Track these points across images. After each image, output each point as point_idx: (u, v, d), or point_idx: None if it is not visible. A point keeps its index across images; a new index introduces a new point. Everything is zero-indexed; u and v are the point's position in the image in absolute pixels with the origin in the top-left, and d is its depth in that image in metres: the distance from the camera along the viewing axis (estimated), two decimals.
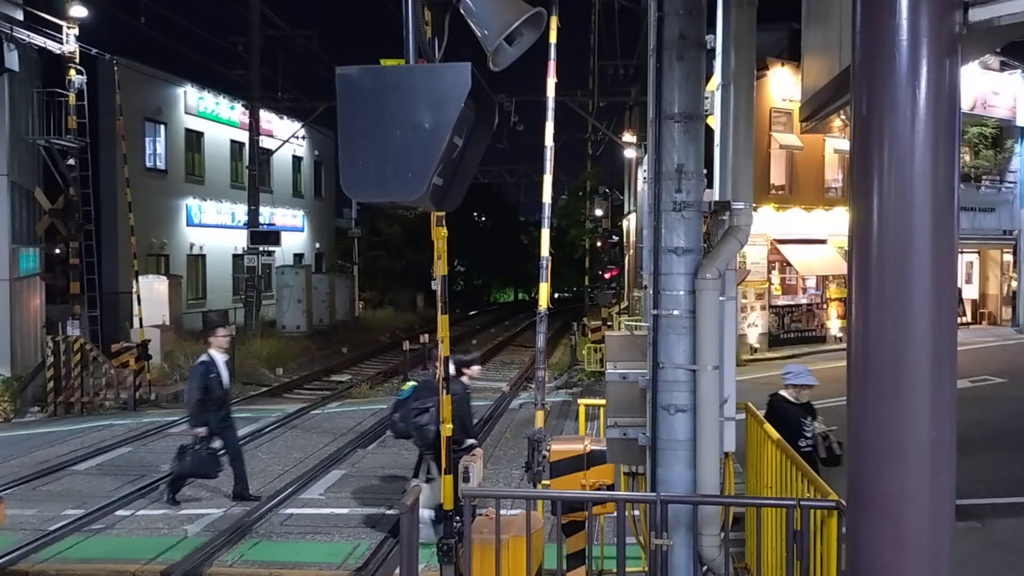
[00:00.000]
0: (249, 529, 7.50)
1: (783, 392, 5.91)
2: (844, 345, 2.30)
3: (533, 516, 4.34)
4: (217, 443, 8.21)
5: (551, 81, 7.33)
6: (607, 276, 31.82)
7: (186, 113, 23.92)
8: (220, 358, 8.30)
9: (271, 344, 20.90)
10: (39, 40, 14.90)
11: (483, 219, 53.65)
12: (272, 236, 23.28)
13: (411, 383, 7.42)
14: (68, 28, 15.21)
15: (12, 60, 14.15)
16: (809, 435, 5.61)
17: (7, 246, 14.77)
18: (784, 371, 6.07)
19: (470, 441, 7.05)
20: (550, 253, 7.38)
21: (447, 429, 6.01)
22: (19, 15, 14.91)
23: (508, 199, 54.58)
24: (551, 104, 7.43)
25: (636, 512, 5.38)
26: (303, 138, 29.98)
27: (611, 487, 5.06)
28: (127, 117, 17.70)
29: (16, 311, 14.95)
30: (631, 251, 27.29)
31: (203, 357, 8.32)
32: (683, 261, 3.98)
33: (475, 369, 7.47)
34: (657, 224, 4.00)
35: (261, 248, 22.92)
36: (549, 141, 7.48)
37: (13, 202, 15.07)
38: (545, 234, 7.43)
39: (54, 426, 13.22)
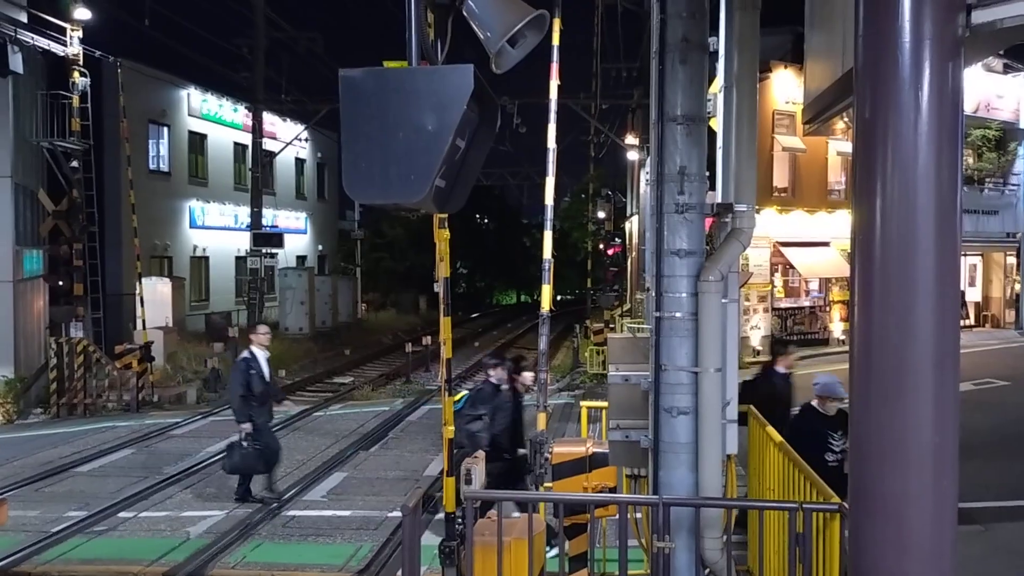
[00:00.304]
0: (251, 531, 7.51)
1: (813, 402, 5.66)
2: (847, 348, 2.30)
3: (535, 518, 4.33)
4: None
5: (554, 83, 7.34)
6: (610, 279, 31.82)
7: (189, 115, 23.96)
8: (261, 355, 8.31)
9: (274, 346, 20.62)
10: (43, 42, 14.95)
11: (486, 221, 53.62)
12: (275, 238, 23.31)
13: (463, 393, 7.45)
14: (72, 30, 15.26)
15: (16, 62, 14.18)
16: (837, 450, 5.32)
17: (11, 248, 14.80)
18: (813, 380, 5.78)
19: (522, 451, 7.00)
20: (552, 255, 7.38)
21: (448, 431, 6.01)
22: (23, 17, 14.96)
23: (510, 201, 54.61)
24: (554, 106, 7.43)
25: (638, 515, 5.37)
26: (306, 140, 30.01)
27: (613, 490, 5.06)
28: (131, 119, 17.74)
29: (20, 312, 14.98)
30: (634, 253, 27.28)
31: (244, 354, 8.35)
32: (686, 263, 3.98)
33: (526, 376, 7.43)
34: (659, 226, 3.99)
35: (264, 250, 22.95)
36: (552, 143, 7.48)
37: (17, 204, 15.11)
38: (548, 236, 7.43)
39: (57, 427, 13.25)
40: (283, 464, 10.11)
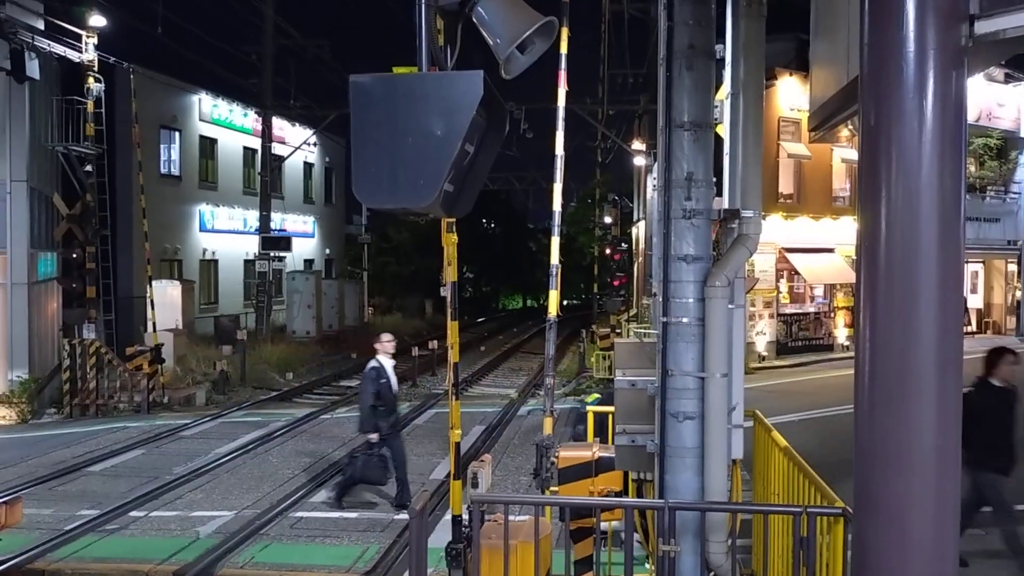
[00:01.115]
0: (260, 532, 7.56)
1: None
2: (851, 353, 2.32)
3: (541, 522, 4.36)
4: (384, 449, 8.09)
5: (562, 90, 7.37)
6: (616, 284, 31.81)
7: (200, 120, 24.14)
8: (388, 363, 8.23)
9: (281, 349, 21.01)
10: (59, 49, 15.11)
11: (492, 226, 53.70)
12: (283, 242, 23.42)
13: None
14: (87, 37, 15.42)
15: (33, 68, 14.35)
16: None
17: (26, 251, 14.95)
18: None
19: None
20: (559, 260, 7.40)
21: (455, 435, 6.05)
22: (40, 24, 15.14)
23: (517, 206, 54.72)
24: (561, 112, 7.47)
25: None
26: (314, 145, 30.17)
27: (619, 494, 5.08)
28: (143, 124, 17.89)
29: (34, 314, 15.14)
30: (640, 258, 27.27)
31: (372, 363, 8.22)
32: (692, 269, 4.00)
33: None
34: (667, 232, 4.01)
35: (272, 254, 23.08)
36: (559, 149, 7.52)
37: (32, 207, 15.26)
38: (555, 241, 7.46)
39: (69, 427, 13.35)
40: (289, 466, 10.19)
